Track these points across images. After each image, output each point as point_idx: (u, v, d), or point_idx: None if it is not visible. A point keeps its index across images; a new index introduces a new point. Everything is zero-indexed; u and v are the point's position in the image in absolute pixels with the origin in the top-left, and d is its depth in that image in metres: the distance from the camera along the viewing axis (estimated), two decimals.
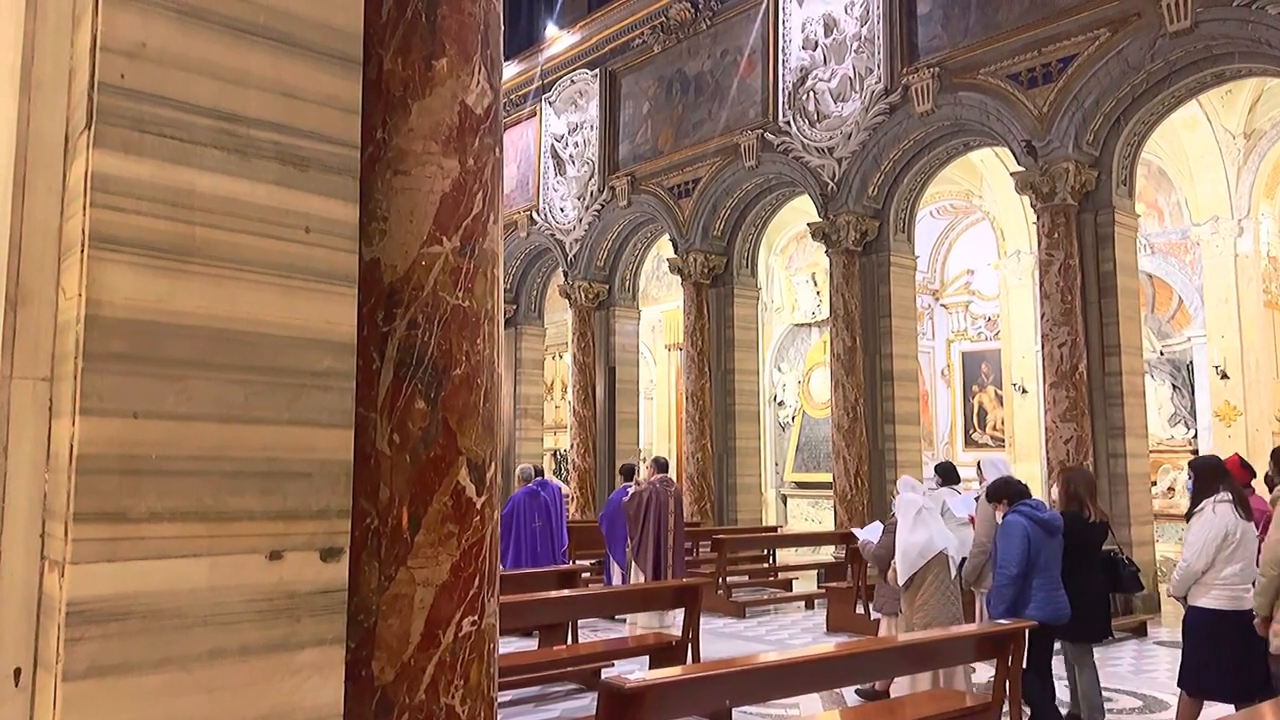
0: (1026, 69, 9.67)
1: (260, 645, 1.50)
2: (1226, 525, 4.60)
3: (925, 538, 5.40)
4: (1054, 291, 9.27)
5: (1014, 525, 5.02)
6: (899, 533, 5.56)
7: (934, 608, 5.32)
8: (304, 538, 1.56)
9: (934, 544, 5.42)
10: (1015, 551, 4.92)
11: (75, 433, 1.36)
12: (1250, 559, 4.61)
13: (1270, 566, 4.22)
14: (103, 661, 1.35)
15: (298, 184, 1.60)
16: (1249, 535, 4.61)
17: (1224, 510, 4.64)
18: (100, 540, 1.36)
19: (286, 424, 1.56)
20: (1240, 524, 4.61)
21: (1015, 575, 4.91)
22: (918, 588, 5.40)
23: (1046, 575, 4.98)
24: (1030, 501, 5.17)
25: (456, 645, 1.90)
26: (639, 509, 8.54)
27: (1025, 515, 5.04)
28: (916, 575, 5.40)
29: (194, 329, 1.47)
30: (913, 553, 5.38)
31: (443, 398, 1.94)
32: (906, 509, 5.60)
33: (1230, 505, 4.64)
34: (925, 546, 5.38)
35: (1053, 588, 4.99)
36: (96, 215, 1.40)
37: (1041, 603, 4.91)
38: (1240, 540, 4.59)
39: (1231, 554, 4.58)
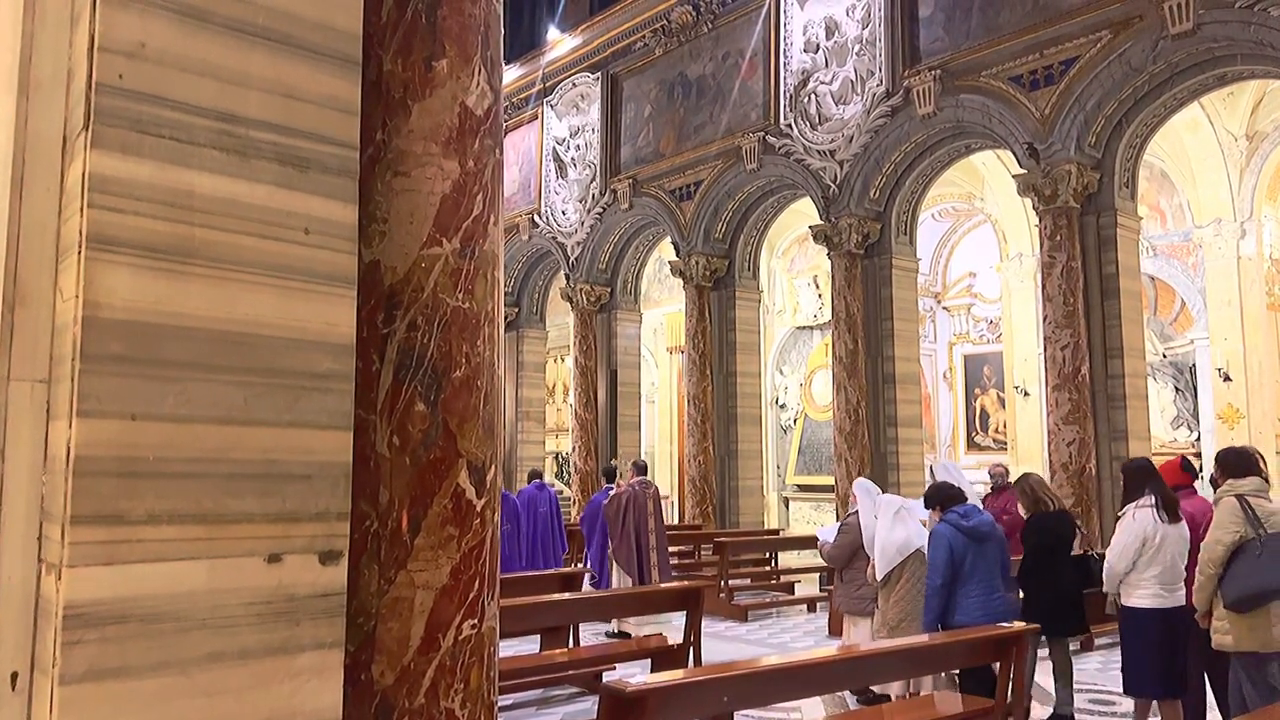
0: (1028, 71, 9.66)
1: (259, 649, 1.49)
2: (1145, 529, 4.80)
3: (904, 536, 5.54)
4: (1056, 294, 9.26)
5: (938, 536, 5.12)
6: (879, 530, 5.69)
7: (909, 602, 5.44)
8: (303, 540, 1.55)
9: (911, 542, 5.55)
10: (939, 562, 5.03)
11: (72, 435, 1.35)
12: (1172, 560, 4.80)
13: (1207, 566, 4.39)
14: (100, 665, 1.34)
15: (297, 185, 1.60)
16: (1170, 537, 4.80)
17: (1143, 515, 4.83)
18: (97, 543, 1.36)
19: (286, 426, 1.55)
20: (1160, 527, 4.79)
21: (939, 585, 5.01)
22: (894, 584, 5.54)
23: (978, 581, 5.03)
24: (959, 509, 5.21)
25: (456, 648, 1.89)
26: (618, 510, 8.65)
27: (951, 524, 5.13)
28: (894, 571, 5.55)
29: (193, 331, 1.47)
30: (891, 550, 5.54)
31: (443, 400, 1.93)
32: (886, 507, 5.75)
33: (1151, 510, 4.83)
34: (903, 544, 5.53)
35: (988, 593, 5.03)
36: (94, 216, 1.39)
37: (972, 608, 4.97)
38: (1160, 543, 4.78)
39: (1152, 557, 4.78)
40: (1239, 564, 4.29)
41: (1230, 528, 4.35)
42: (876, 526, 5.75)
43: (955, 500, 5.32)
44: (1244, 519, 4.34)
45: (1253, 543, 4.28)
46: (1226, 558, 4.33)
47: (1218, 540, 4.38)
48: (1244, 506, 4.37)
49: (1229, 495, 4.47)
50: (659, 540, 8.64)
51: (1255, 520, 4.33)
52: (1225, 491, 4.51)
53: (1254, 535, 4.29)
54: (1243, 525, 4.33)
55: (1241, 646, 4.32)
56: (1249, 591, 4.24)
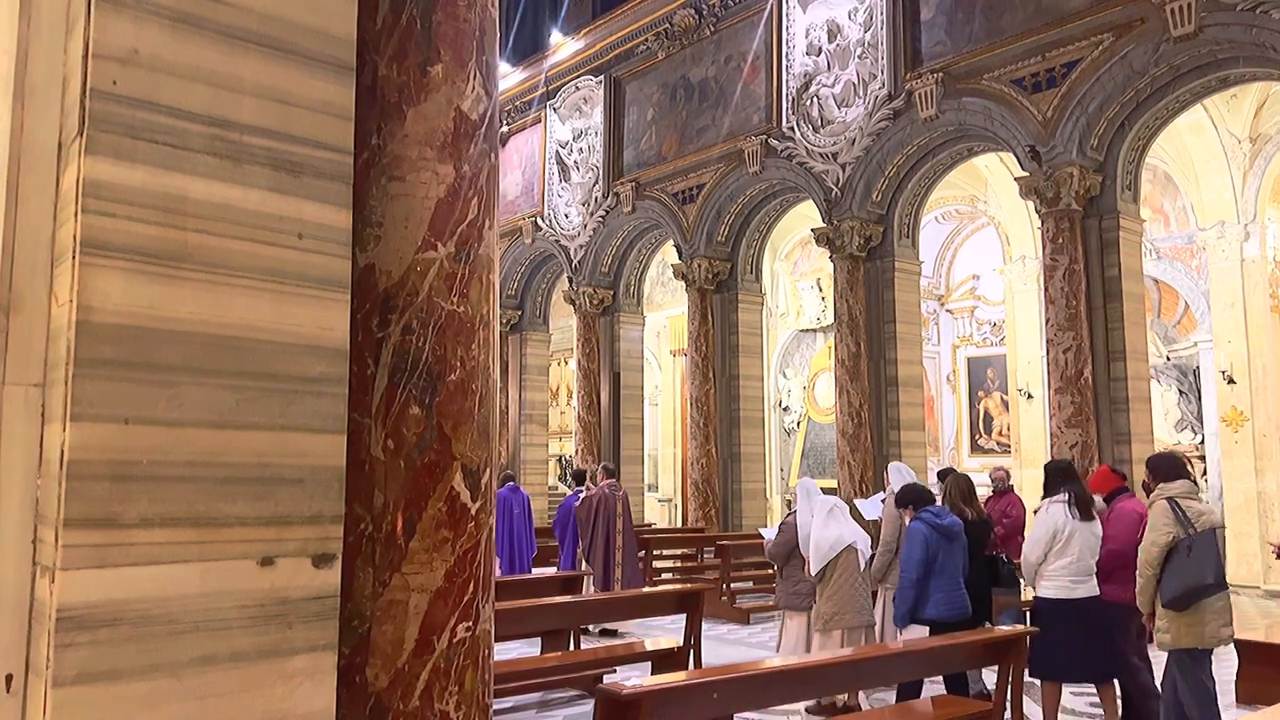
0: (1030, 74, 9.66)
1: (252, 651, 1.49)
2: (1056, 523, 5.11)
3: (836, 533, 5.91)
4: (1059, 296, 9.24)
5: (915, 533, 5.43)
6: (814, 528, 6.06)
7: (843, 597, 5.82)
8: (296, 544, 1.56)
9: (843, 538, 5.94)
10: (915, 558, 5.33)
11: (65, 439, 1.36)
12: (1080, 554, 5.12)
13: (1145, 567, 4.66)
14: (92, 668, 1.35)
15: (291, 190, 1.60)
16: (1079, 532, 5.12)
17: (1056, 509, 5.16)
18: (90, 546, 1.36)
19: (279, 430, 1.56)
20: (1070, 522, 5.11)
21: (915, 579, 5.33)
22: (829, 579, 5.88)
23: (946, 577, 5.37)
24: (932, 509, 5.58)
25: (451, 651, 1.90)
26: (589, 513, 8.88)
27: (926, 522, 5.45)
28: (828, 567, 5.88)
29: (186, 335, 1.47)
30: (824, 546, 5.89)
31: (437, 403, 1.94)
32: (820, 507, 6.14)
33: (1063, 505, 5.15)
34: (836, 541, 5.89)
35: (952, 588, 5.38)
36: (88, 221, 1.40)
37: (940, 603, 5.31)
38: (1069, 537, 5.10)
39: (1061, 549, 5.10)
40: (1172, 563, 4.55)
41: (1163, 529, 4.60)
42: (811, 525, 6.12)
43: (926, 501, 5.70)
44: (1175, 520, 4.58)
45: (1183, 542, 4.54)
46: (1162, 558, 4.58)
47: (1152, 542, 4.63)
48: (1174, 508, 4.61)
49: (1160, 499, 4.71)
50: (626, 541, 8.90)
51: (1185, 520, 4.58)
52: (1157, 495, 4.75)
53: (1184, 535, 4.55)
54: (1174, 526, 4.57)
55: (1180, 644, 4.56)
56: (1180, 589, 4.48)
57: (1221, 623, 4.63)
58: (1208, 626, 4.57)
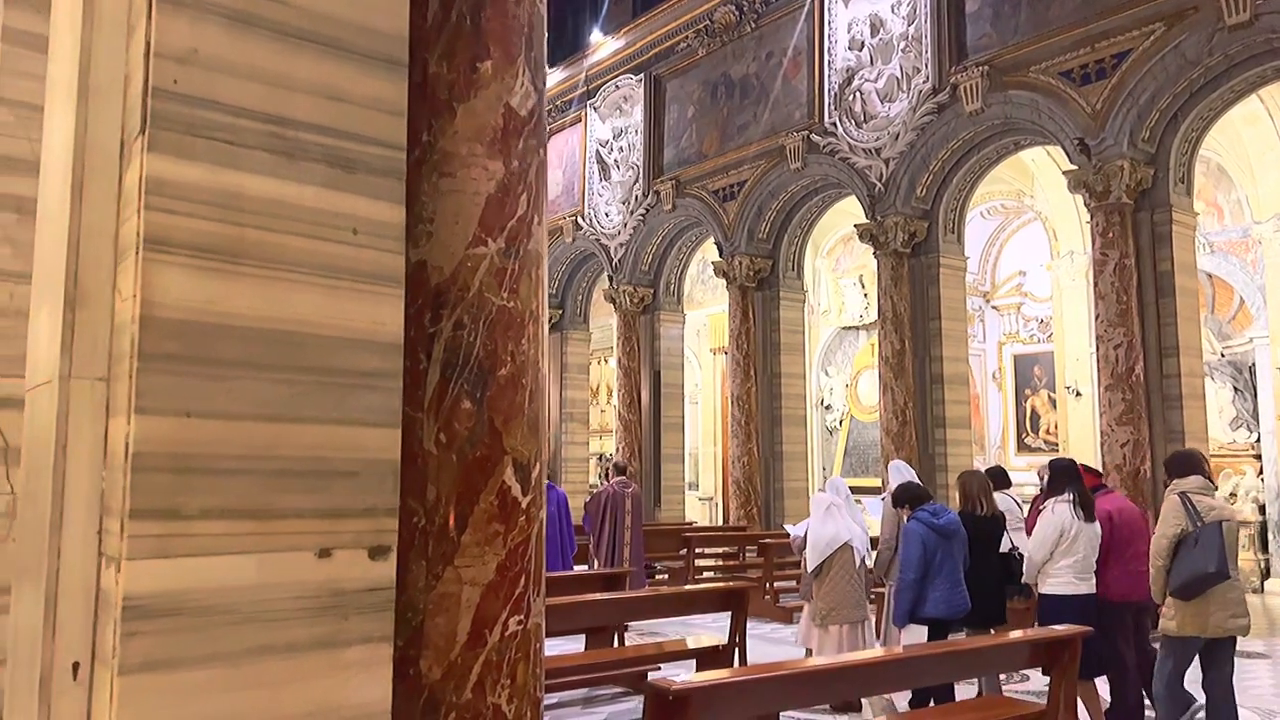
0: (1079, 66, 9.47)
1: (307, 642, 1.51)
2: (1063, 523, 5.25)
3: (833, 530, 6.04)
4: (1109, 292, 9.06)
5: (911, 533, 5.51)
6: (811, 525, 6.24)
7: (839, 592, 5.95)
8: (351, 536, 1.58)
9: (840, 536, 6.06)
10: (912, 558, 5.42)
11: (130, 431, 1.39)
12: (1084, 554, 5.27)
13: (1155, 558, 4.87)
14: (155, 656, 1.37)
15: (345, 186, 1.62)
16: (1084, 533, 5.27)
17: (1061, 509, 5.29)
18: (154, 537, 1.39)
19: (334, 423, 1.57)
20: (1076, 523, 5.25)
21: (913, 580, 5.42)
22: (826, 574, 6.03)
23: (945, 575, 5.45)
24: (929, 508, 5.65)
25: (503, 644, 1.90)
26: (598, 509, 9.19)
27: (923, 522, 5.52)
28: (825, 563, 6.03)
29: (244, 330, 1.49)
30: (821, 543, 6.03)
31: (488, 398, 1.95)
32: (818, 505, 6.27)
33: (1069, 505, 5.28)
34: (833, 538, 6.03)
35: (952, 586, 5.46)
36: (150, 218, 1.42)
37: (939, 601, 5.40)
38: (1075, 536, 5.25)
39: (1067, 548, 5.24)
40: (1180, 555, 4.75)
41: (1173, 522, 4.81)
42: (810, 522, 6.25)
43: (923, 499, 5.75)
44: (1185, 514, 4.78)
45: (1190, 534, 4.73)
46: (1171, 549, 4.78)
47: (1162, 534, 4.85)
48: (1186, 503, 4.80)
49: (1173, 494, 4.90)
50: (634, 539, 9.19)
51: (1195, 514, 4.76)
52: (1171, 490, 4.95)
53: (1193, 528, 4.74)
54: (1184, 520, 4.77)
55: (1184, 631, 4.76)
56: (1186, 578, 4.68)
57: (1230, 613, 4.76)
58: (1212, 616, 4.73)
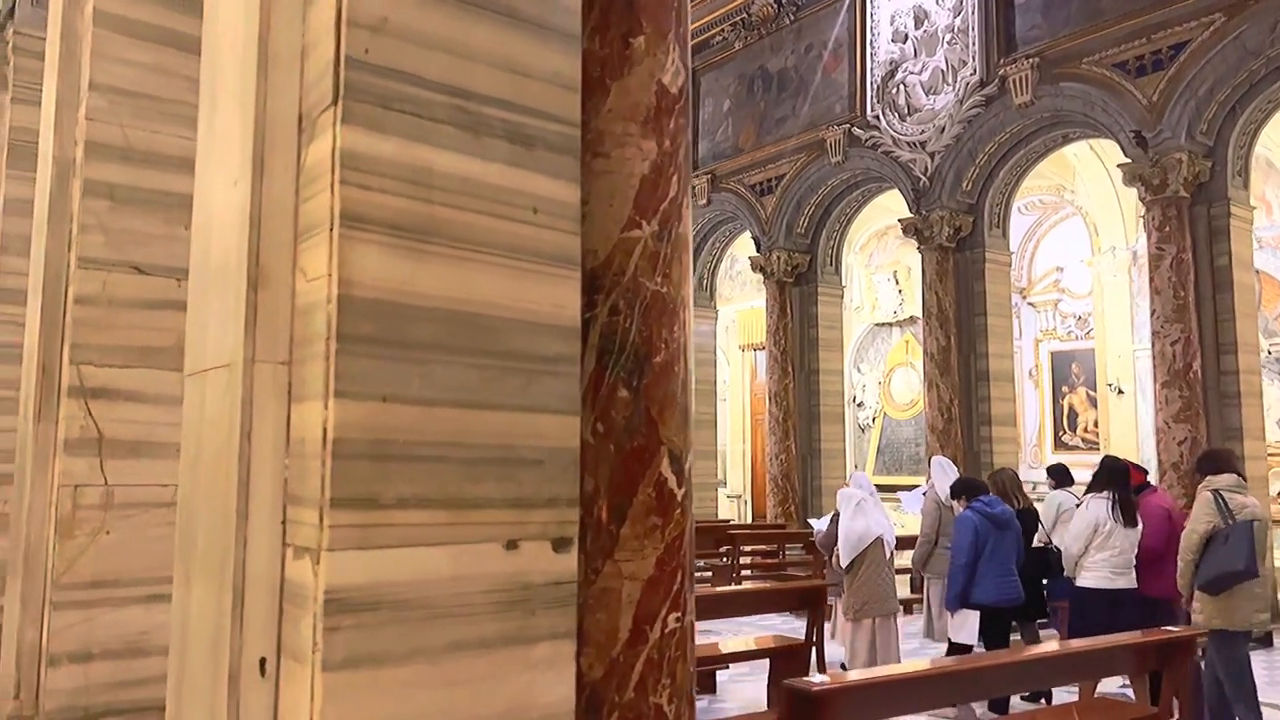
0: (1134, 57, 9.31)
1: (498, 638, 1.45)
2: (1097, 517, 5.40)
3: (864, 525, 6.18)
4: (1165, 287, 8.90)
5: (964, 521, 5.72)
6: (842, 521, 6.35)
7: (871, 587, 6.08)
8: (537, 527, 1.51)
9: (871, 531, 6.20)
10: (963, 543, 5.62)
11: (329, 416, 1.33)
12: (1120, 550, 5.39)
13: (1185, 553, 4.96)
14: (359, 652, 1.31)
15: (525, 163, 1.55)
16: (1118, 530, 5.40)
17: (1096, 505, 5.45)
18: (354, 527, 1.33)
19: (520, 410, 1.51)
20: (1110, 521, 5.39)
21: (963, 564, 5.61)
22: (857, 569, 6.16)
23: (996, 563, 5.61)
24: (984, 499, 5.88)
25: (663, 642, 1.84)
26: None
27: (977, 511, 5.74)
28: (856, 559, 6.17)
29: (434, 311, 1.43)
30: (853, 538, 6.17)
31: (644, 386, 1.88)
32: (847, 501, 6.41)
33: (1105, 502, 5.43)
34: (864, 533, 6.16)
35: (1003, 574, 5.63)
36: (346, 194, 1.36)
37: (989, 587, 5.58)
38: (1109, 532, 5.38)
39: (1102, 543, 5.37)
40: (1210, 551, 4.84)
41: (1204, 519, 4.92)
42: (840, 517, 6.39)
43: (979, 491, 5.99)
44: (1217, 511, 4.88)
45: (1221, 531, 4.83)
46: (1201, 545, 4.88)
47: (1193, 530, 4.96)
48: (1218, 500, 4.91)
49: (1205, 490, 5.02)
50: None
51: (1227, 511, 4.87)
52: (1203, 487, 5.06)
53: (1224, 525, 4.83)
54: (1215, 516, 4.88)
55: (1211, 624, 4.85)
56: (1214, 574, 4.78)
57: (1254, 608, 4.92)
58: (1238, 611, 4.86)
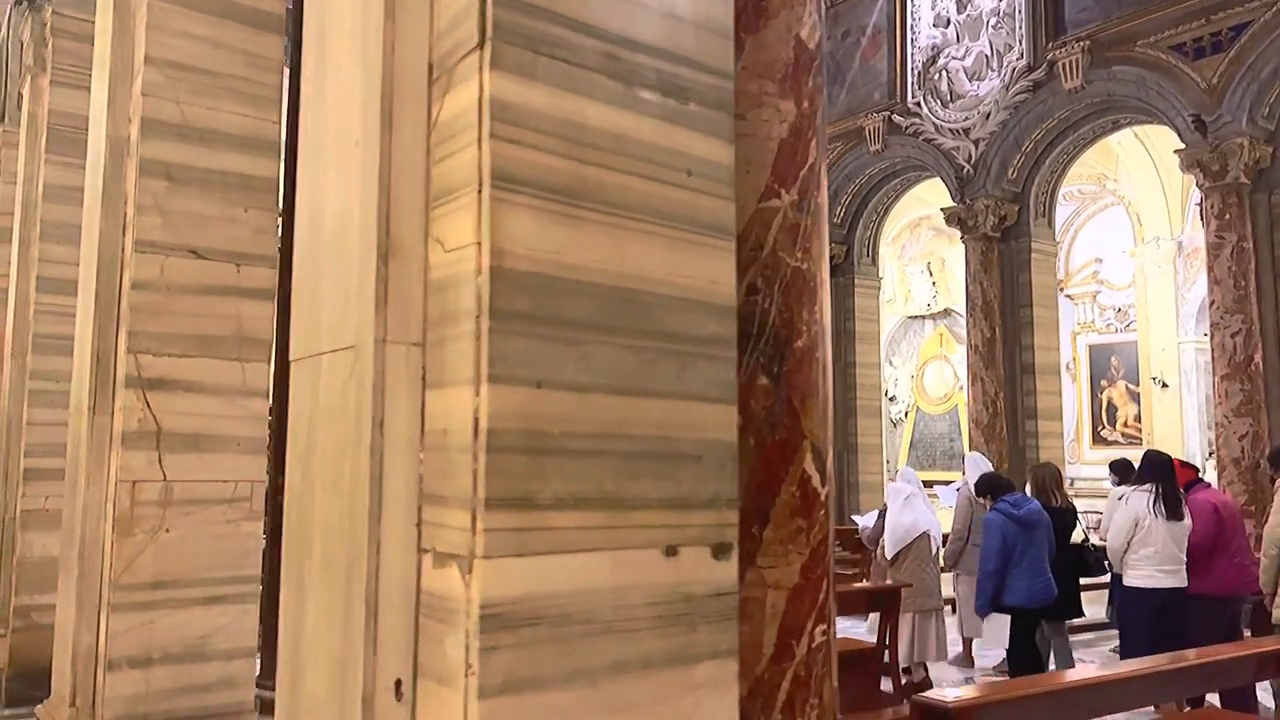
0: (1192, 39, 9.01)
1: (660, 657, 1.27)
2: (1137, 511, 5.22)
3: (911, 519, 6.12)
4: (1225, 277, 8.61)
5: (991, 525, 5.53)
6: (889, 514, 6.33)
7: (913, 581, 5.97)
8: (696, 530, 1.34)
9: (918, 525, 6.16)
10: (992, 549, 5.44)
11: (481, 404, 1.15)
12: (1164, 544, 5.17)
13: (1270, 547, 4.85)
14: (518, 675, 1.14)
15: (679, 119, 1.37)
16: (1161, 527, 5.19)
17: (1136, 499, 5.26)
18: (510, 530, 1.16)
19: (677, 398, 1.33)
20: (1149, 515, 5.20)
21: (992, 570, 5.43)
22: (901, 563, 6.13)
23: (1027, 565, 5.44)
24: (1010, 498, 5.66)
25: (810, 657, 1.66)
26: None
27: (1002, 513, 5.54)
28: (901, 552, 6.13)
29: (589, 286, 1.26)
30: (900, 531, 6.12)
31: (785, 373, 1.70)
32: (896, 495, 6.37)
33: (1147, 496, 5.22)
34: (910, 527, 6.11)
35: (1035, 575, 5.46)
36: (497, 150, 1.19)
37: (1021, 590, 5.42)
38: (1149, 528, 5.19)
39: (1143, 537, 5.19)
40: None
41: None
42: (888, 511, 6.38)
43: (1005, 489, 5.75)
44: None
45: None
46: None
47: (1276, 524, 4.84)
48: None
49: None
50: None
51: None
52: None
53: None
54: None
55: None
56: None
57: None
58: None
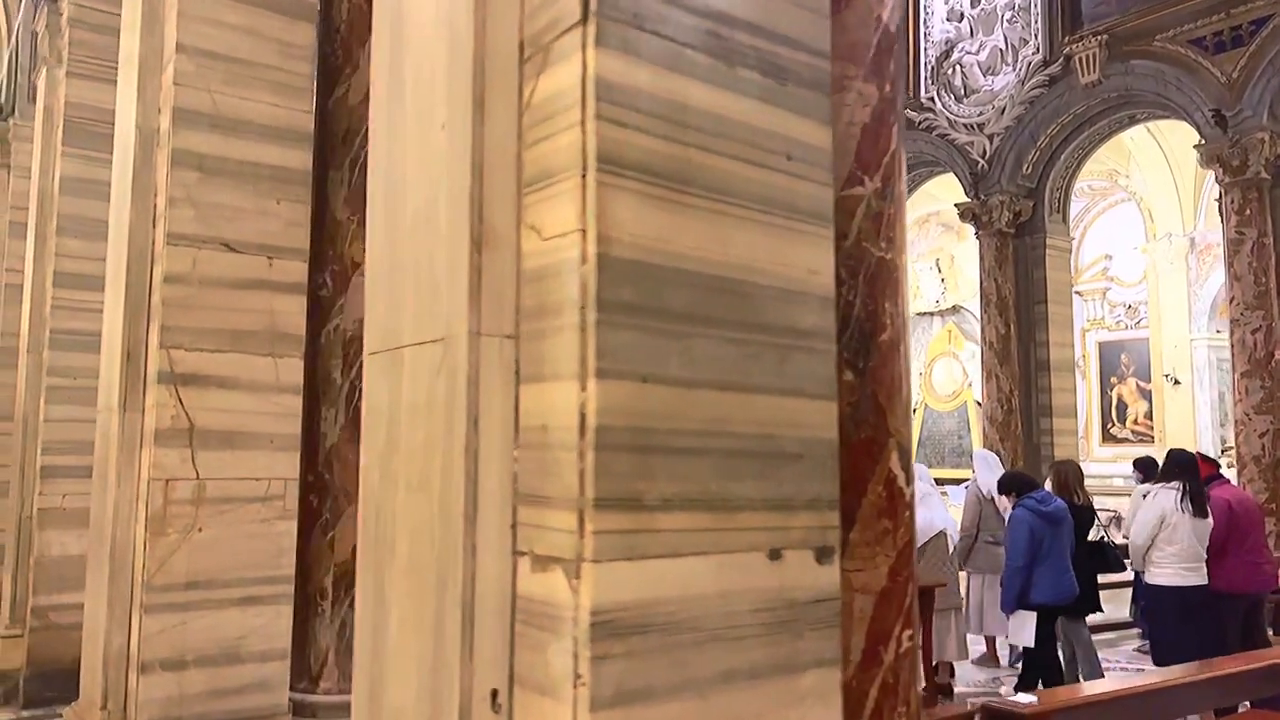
0: (1212, 33, 8.94)
1: (766, 666, 1.21)
2: (1164, 508, 5.19)
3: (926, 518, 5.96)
4: (1245, 273, 8.55)
5: (1019, 520, 5.45)
6: None
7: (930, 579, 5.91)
8: (799, 533, 1.27)
9: (935, 523, 6.12)
10: (1021, 544, 5.35)
11: (589, 399, 1.09)
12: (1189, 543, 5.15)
13: None
14: (630, 686, 1.08)
15: (778, 100, 1.31)
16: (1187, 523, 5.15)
17: (1164, 496, 5.23)
18: (619, 533, 1.10)
19: (778, 393, 1.27)
20: (1177, 512, 5.16)
21: (1021, 566, 5.36)
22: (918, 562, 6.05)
23: (1052, 561, 5.39)
24: (1036, 495, 5.60)
25: (898, 664, 1.60)
26: None
27: (1030, 509, 5.47)
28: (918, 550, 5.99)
29: (692, 275, 1.19)
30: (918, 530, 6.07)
31: (871, 368, 1.64)
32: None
33: (1174, 493, 5.19)
34: (928, 525, 5.98)
35: (1059, 572, 5.41)
36: (603, 131, 1.12)
37: (1046, 587, 5.36)
38: (1175, 524, 5.15)
39: (1169, 535, 5.15)
40: None
41: None
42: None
43: (1030, 487, 5.73)
44: None
45: None
46: None
47: None
48: None
49: None
50: None
51: None
52: None
53: None
54: None
55: None
56: None
57: None
58: None
